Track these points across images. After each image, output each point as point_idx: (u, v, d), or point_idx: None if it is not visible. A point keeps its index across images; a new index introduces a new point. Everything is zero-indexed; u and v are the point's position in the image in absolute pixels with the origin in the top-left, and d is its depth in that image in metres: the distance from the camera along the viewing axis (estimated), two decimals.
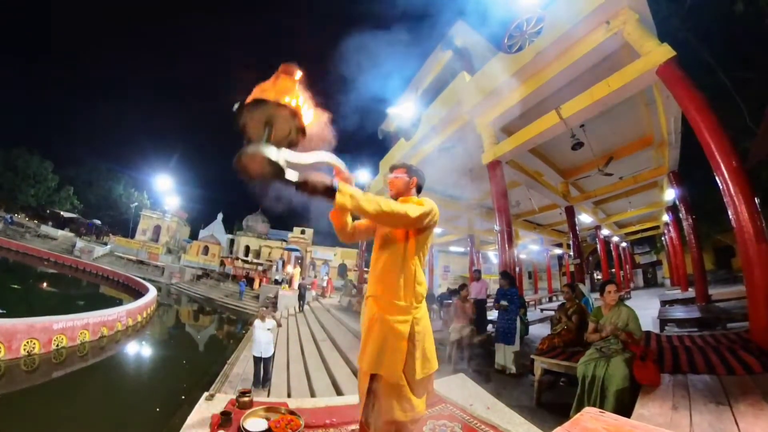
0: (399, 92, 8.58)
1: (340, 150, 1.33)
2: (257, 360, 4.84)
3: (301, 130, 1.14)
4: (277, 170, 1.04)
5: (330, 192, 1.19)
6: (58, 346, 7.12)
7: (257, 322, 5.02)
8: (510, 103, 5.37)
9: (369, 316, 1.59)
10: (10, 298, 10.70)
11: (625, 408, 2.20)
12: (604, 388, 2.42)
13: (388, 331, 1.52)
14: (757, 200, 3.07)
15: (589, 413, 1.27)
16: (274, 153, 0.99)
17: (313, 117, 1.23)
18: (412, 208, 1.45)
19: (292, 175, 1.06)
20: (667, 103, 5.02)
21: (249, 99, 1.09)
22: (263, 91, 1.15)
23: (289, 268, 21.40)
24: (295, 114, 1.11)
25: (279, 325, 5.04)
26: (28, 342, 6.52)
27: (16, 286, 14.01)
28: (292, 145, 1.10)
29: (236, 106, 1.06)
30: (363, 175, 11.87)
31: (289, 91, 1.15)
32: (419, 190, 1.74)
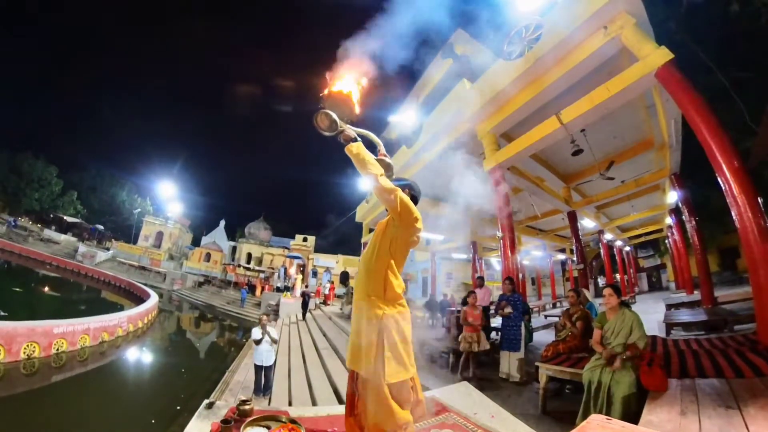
0: (400, 100, 8.66)
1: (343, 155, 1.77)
2: (258, 368, 4.80)
3: (353, 112, 1.76)
4: (334, 124, 1.65)
5: (353, 141, 1.65)
6: (58, 350, 7.10)
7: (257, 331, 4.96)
8: (510, 110, 5.40)
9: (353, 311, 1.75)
10: (11, 301, 10.70)
11: (632, 414, 2.16)
12: (611, 395, 2.37)
13: (361, 321, 1.62)
14: (760, 200, 3.05)
15: (596, 420, 1.25)
16: (336, 116, 1.65)
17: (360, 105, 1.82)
18: (400, 192, 1.60)
19: (340, 127, 1.66)
20: (666, 105, 5.03)
21: (329, 89, 1.73)
22: (340, 81, 1.76)
23: (292, 274, 21.36)
24: (352, 102, 1.75)
25: (275, 341, 4.91)
26: (28, 345, 6.52)
27: (17, 289, 14.05)
28: (348, 119, 1.74)
29: (322, 93, 1.73)
30: (365, 182, 11.89)
31: (353, 84, 1.78)
32: (414, 201, 1.75)
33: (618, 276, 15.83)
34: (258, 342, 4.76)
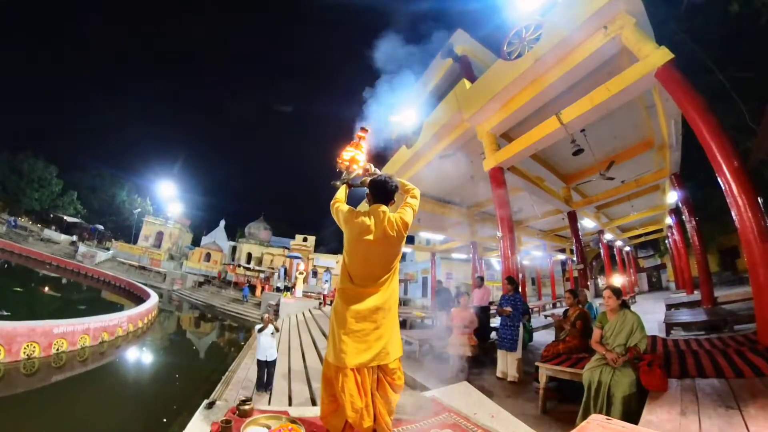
0: (400, 100, 8.64)
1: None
2: (262, 364, 4.84)
3: (354, 167, 2.32)
4: (344, 179, 2.29)
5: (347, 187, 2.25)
6: (58, 350, 7.10)
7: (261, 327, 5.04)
8: (510, 110, 5.40)
9: None
10: (11, 301, 10.71)
11: (632, 414, 2.16)
12: (611, 395, 2.37)
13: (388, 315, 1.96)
14: (760, 200, 3.04)
15: (596, 420, 1.25)
16: (345, 176, 2.32)
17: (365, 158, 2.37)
18: (334, 204, 2.06)
19: (347, 179, 2.30)
20: (666, 105, 5.03)
21: (340, 159, 2.33)
22: (348, 149, 2.33)
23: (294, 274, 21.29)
24: (356, 163, 2.31)
25: (277, 329, 5.12)
26: (28, 345, 6.53)
27: (18, 289, 14.06)
28: (352, 171, 2.33)
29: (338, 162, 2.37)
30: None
31: (358, 147, 2.34)
32: (372, 198, 2.03)
33: (615, 279, 15.78)
34: (261, 330, 4.85)
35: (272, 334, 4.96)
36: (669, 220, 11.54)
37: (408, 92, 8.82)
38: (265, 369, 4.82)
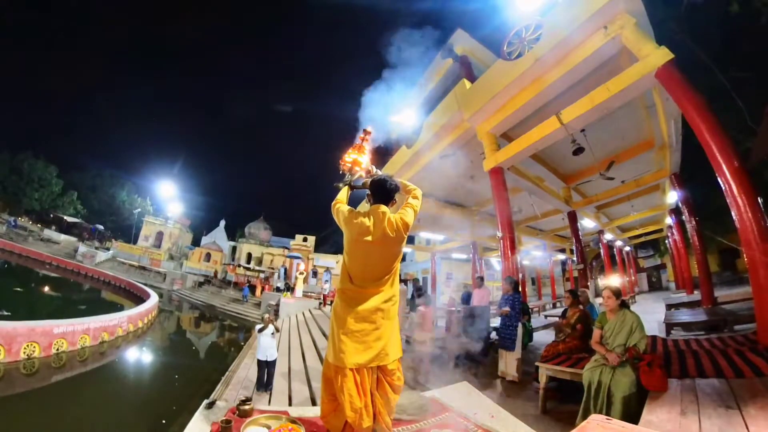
0: (400, 100, 8.65)
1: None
2: (262, 364, 4.84)
3: (357, 169, 2.39)
4: (347, 181, 2.31)
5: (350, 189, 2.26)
6: (58, 350, 7.11)
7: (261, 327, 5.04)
8: (510, 110, 5.40)
9: None
10: (11, 301, 10.72)
11: (632, 414, 2.16)
12: (611, 395, 2.37)
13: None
14: (760, 200, 3.05)
15: (596, 420, 1.25)
16: (348, 178, 2.35)
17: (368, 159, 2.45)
18: (335, 206, 2.06)
19: (349, 181, 2.33)
20: (666, 105, 5.03)
21: (343, 161, 2.39)
22: (351, 151, 2.40)
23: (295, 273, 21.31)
24: (359, 165, 2.38)
25: (277, 330, 5.12)
26: (28, 345, 6.53)
27: (18, 289, 14.08)
28: (354, 173, 2.39)
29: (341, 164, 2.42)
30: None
31: (361, 149, 2.42)
32: (372, 198, 2.02)
33: (615, 279, 15.75)
34: (261, 330, 4.85)
35: (273, 334, 4.96)
36: (669, 220, 11.54)
37: (408, 92, 8.82)
38: (265, 369, 4.83)
